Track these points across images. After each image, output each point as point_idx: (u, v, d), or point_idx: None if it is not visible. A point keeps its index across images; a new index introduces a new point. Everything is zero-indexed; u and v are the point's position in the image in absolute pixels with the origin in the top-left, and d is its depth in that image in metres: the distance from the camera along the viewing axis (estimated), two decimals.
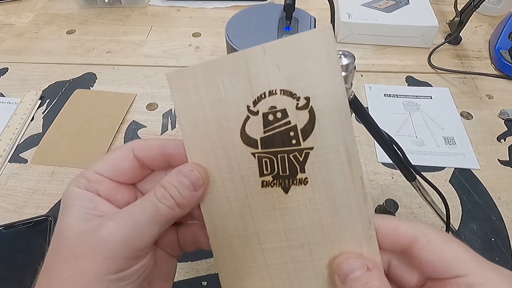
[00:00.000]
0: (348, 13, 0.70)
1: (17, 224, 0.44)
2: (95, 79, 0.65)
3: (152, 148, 0.23)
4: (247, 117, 0.21)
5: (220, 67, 0.21)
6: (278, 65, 0.20)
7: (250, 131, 0.21)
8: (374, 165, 0.52)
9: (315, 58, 0.20)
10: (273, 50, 0.20)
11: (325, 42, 0.20)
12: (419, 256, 0.20)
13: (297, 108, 0.21)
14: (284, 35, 0.43)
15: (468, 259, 0.19)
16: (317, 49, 0.20)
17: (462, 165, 0.52)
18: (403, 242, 0.21)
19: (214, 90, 0.21)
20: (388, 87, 0.63)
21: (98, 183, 0.23)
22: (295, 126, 0.21)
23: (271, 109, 0.21)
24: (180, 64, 0.68)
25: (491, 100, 0.61)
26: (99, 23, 0.78)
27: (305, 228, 0.22)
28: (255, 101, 0.21)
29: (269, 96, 0.21)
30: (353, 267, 0.20)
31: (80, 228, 0.21)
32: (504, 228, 0.45)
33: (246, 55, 0.20)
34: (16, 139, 0.55)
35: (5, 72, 0.67)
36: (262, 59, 0.20)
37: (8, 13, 0.81)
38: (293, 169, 0.21)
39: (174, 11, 0.81)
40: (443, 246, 0.20)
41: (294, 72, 0.20)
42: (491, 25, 0.76)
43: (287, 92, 0.20)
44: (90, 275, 0.20)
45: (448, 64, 0.67)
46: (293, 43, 0.20)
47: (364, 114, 0.35)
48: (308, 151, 0.21)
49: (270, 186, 0.22)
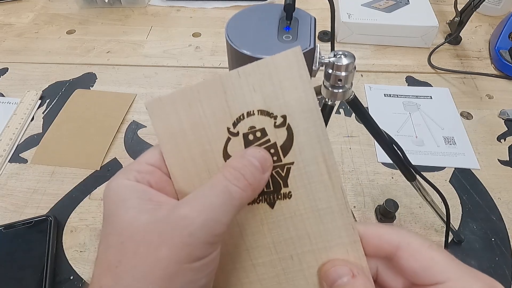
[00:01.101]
0: (348, 13, 0.70)
1: (17, 224, 0.44)
2: (95, 79, 0.65)
3: None
4: (228, 138, 0.22)
5: (198, 92, 0.22)
6: (253, 87, 0.21)
7: (232, 151, 0.22)
8: (374, 165, 0.52)
9: (288, 78, 0.21)
10: (247, 73, 0.21)
11: (296, 62, 0.21)
12: (402, 263, 0.21)
13: (275, 126, 0.21)
14: (284, 35, 0.43)
15: (449, 266, 0.20)
16: (289, 69, 0.21)
17: (462, 165, 0.52)
18: (387, 249, 0.21)
19: (194, 115, 0.22)
20: (388, 87, 0.63)
21: (149, 173, 0.22)
22: (274, 143, 0.22)
23: (251, 129, 0.22)
24: (180, 64, 0.68)
25: (491, 100, 0.61)
26: (99, 23, 0.78)
27: (293, 239, 0.23)
28: (234, 123, 0.22)
29: (247, 117, 0.21)
30: (340, 274, 0.21)
31: (147, 220, 0.19)
32: (504, 228, 0.45)
33: (222, 79, 0.21)
34: (16, 139, 0.55)
35: (5, 72, 0.67)
36: (238, 82, 0.21)
37: (8, 13, 0.81)
38: (277, 184, 0.22)
39: (174, 11, 0.81)
40: (424, 253, 0.20)
41: (269, 93, 0.21)
42: (491, 25, 0.76)
43: (264, 112, 0.21)
44: (171, 263, 0.18)
45: (448, 64, 0.67)
46: (266, 65, 0.21)
47: (364, 114, 0.35)
48: (289, 166, 0.22)
49: (256, 203, 0.22)
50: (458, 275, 0.19)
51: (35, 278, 0.40)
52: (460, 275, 0.19)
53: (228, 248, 0.23)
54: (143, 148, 0.54)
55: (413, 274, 0.20)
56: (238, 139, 0.22)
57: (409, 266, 0.20)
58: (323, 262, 0.22)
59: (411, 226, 0.46)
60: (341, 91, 0.32)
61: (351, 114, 0.59)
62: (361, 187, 0.49)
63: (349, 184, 0.50)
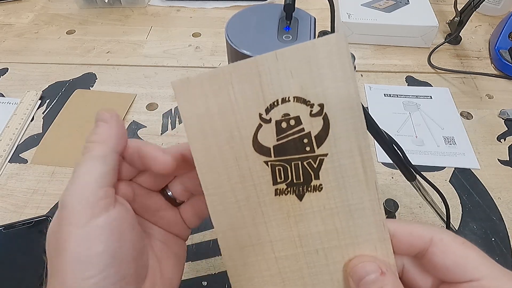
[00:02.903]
0: (348, 13, 0.70)
1: (17, 224, 0.44)
2: (95, 79, 0.65)
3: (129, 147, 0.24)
4: (259, 125, 0.21)
5: (230, 74, 0.20)
6: (291, 71, 0.20)
7: (262, 139, 0.21)
8: (374, 165, 0.52)
9: (329, 65, 0.20)
10: (286, 57, 0.20)
11: (338, 49, 0.20)
12: (434, 260, 0.20)
13: (311, 115, 0.20)
14: (284, 35, 0.43)
15: (483, 263, 0.20)
16: (331, 56, 0.20)
17: (462, 165, 0.52)
18: (419, 246, 0.21)
19: (224, 99, 0.20)
20: (388, 87, 0.63)
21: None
22: (309, 133, 0.21)
23: (284, 117, 0.21)
24: (180, 64, 0.68)
25: (491, 100, 0.61)
26: (99, 23, 0.78)
27: (320, 233, 0.22)
28: (267, 109, 0.20)
29: (282, 103, 0.20)
30: (368, 271, 0.20)
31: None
32: (504, 228, 0.45)
33: (258, 62, 0.20)
34: (16, 139, 0.55)
35: (5, 72, 0.67)
36: (275, 66, 0.20)
37: (8, 13, 0.81)
38: (308, 176, 0.21)
39: (174, 11, 0.81)
40: (458, 250, 0.20)
41: (307, 79, 0.20)
42: (491, 25, 0.76)
43: (300, 99, 0.20)
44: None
45: (448, 64, 0.67)
46: (306, 49, 0.20)
47: (364, 114, 0.35)
48: (323, 157, 0.21)
49: (284, 194, 0.22)
50: (493, 273, 0.19)
51: (35, 278, 0.40)
52: (495, 274, 0.19)
53: (251, 240, 0.22)
54: None
55: (446, 270, 0.20)
56: (270, 126, 0.21)
57: (442, 263, 0.20)
58: (350, 258, 0.22)
59: None
60: None
61: None
62: None
63: None
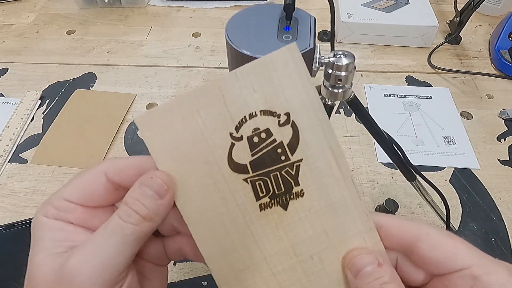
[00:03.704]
0: (348, 13, 0.70)
1: (17, 224, 0.44)
2: (95, 79, 0.65)
3: (127, 171, 0.22)
4: (232, 144, 0.21)
5: (194, 100, 0.20)
6: (253, 87, 0.20)
7: (237, 157, 0.21)
8: (374, 165, 0.52)
9: (287, 75, 0.20)
10: (245, 74, 0.20)
11: (293, 58, 0.20)
12: (424, 254, 0.21)
13: (280, 125, 0.21)
14: (284, 35, 0.43)
15: (471, 253, 0.20)
16: (287, 66, 0.20)
17: (462, 165, 0.52)
18: (407, 240, 0.21)
19: (192, 126, 0.20)
20: (388, 87, 0.63)
21: (68, 212, 0.21)
22: (281, 142, 0.21)
23: (255, 131, 0.21)
24: (180, 64, 0.68)
25: (491, 100, 0.61)
26: (99, 23, 0.78)
27: (311, 238, 0.22)
28: (237, 127, 0.21)
29: (250, 119, 0.21)
30: (365, 262, 0.21)
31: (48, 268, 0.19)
32: (504, 228, 0.45)
33: (219, 84, 0.20)
34: (16, 139, 0.55)
35: (5, 72, 0.67)
36: (237, 84, 0.20)
37: (8, 13, 0.81)
38: (288, 184, 0.22)
39: (174, 11, 0.81)
40: (445, 242, 0.20)
41: (270, 91, 0.20)
42: (491, 25, 0.76)
43: (267, 111, 0.21)
44: None
45: (448, 64, 0.67)
46: (264, 64, 0.20)
47: (364, 114, 0.35)
48: (298, 163, 0.21)
49: (268, 208, 0.22)
50: (482, 261, 0.20)
51: None
52: (484, 261, 0.20)
53: (245, 262, 0.22)
54: (143, 148, 0.54)
55: (436, 263, 0.20)
56: (242, 144, 0.21)
57: (431, 256, 0.20)
58: (343, 256, 0.22)
59: None
60: (341, 91, 0.32)
61: (351, 114, 0.59)
62: (361, 187, 0.49)
63: None
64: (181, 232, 0.23)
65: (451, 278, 0.20)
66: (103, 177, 0.22)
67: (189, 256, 0.24)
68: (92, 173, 0.22)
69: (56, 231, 0.20)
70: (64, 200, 0.21)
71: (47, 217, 0.21)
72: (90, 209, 0.22)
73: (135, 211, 0.20)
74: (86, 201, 0.21)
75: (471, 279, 0.19)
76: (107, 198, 0.22)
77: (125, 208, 0.20)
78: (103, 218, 0.21)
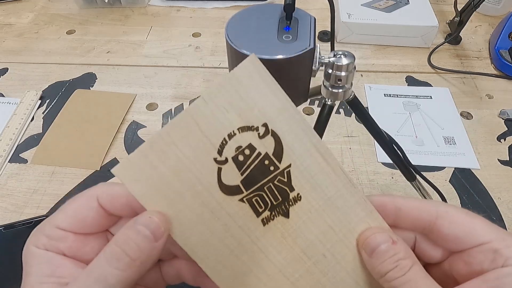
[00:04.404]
0: (348, 13, 0.70)
1: (17, 224, 0.44)
2: (95, 79, 0.65)
3: (118, 199, 0.21)
4: (219, 169, 0.21)
5: (169, 135, 0.20)
6: (225, 107, 0.20)
7: (227, 180, 0.21)
8: (374, 165, 0.52)
9: (254, 86, 0.20)
10: (213, 96, 0.20)
11: (255, 69, 0.20)
12: (443, 231, 0.21)
13: (260, 137, 0.21)
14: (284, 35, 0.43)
15: (490, 229, 0.20)
16: (251, 78, 0.20)
17: (462, 165, 0.52)
18: (426, 219, 0.21)
19: (173, 160, 0.20)
20: (388, 87, 0.63)
21: (60, 240, 0.20)
22: (266, 154, 0.21)
23: (238, 150, 0.21)
24: (180, 64, 0.68)
25: (491, 100, 0.61)
26: (99, 23, 0.78)
27: (318, 237, 0.22)
28: (219, 151, 0.20)
29: (229, 139, 0.20)
30: (379, 241, 0.21)
31: None
32: (504, 228, 0.45)
33: (190, 113, 0.20)
34: (16, 139, 0.55)
35: (5, 72, 0.67)
36: (207, 109, 0.20)
37: (8, 13, 0.81)
38: (283, 192, 0.22)
39: (174, 11, 0.81)
40: (465, 220, 0.21)
41: (242, 107, 0.20)
42: (491, 25, 0.76)
43: (244, 127, 0.21)
44: None
45: (448, 64, 0.67)
46: (229, 81, 0.20)
47: (364, 114, 0.35)
48: (288, 169, 0.21)
49: (271, 220, 0.22)
50: (500, 235, 0.20)
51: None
52: (502, 235, 0.20)
53: (262, 280, 0.22)
54: None
55: (456, 239, 0.21)
56: (229, 165, 0.21)
57: (451, 233, 0.21)
58: (354, 245, 0.22)
59: None
60: (341, 91, 0.32)
61: (351, 114, 0.59)
62: (361, 187, 0.49)
63: None
64: (178, 256, 0.23)
65: (471, 253, 0.20)
66: (95, 202, 0.21)
67: (188, 280, 0.23)
68: (84, 198, 0.21)
69: (44, 264, 0.20)
70: (57, 228, 0.20)
71: (37, 247, 0.20)
72: (82, 236, 0.21)
73: (125, 253, 0.19)
74: (78, 228, 0.21)
75: (492, 253, 0.19)
76: (100, 224, 0.21)
77: (114, 249, 0.19)
78: (95, 246, 0.21)
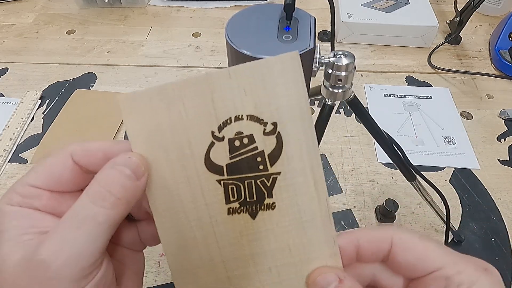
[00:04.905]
0: (348, 13, 0.70)
1: None
2: (95, 79, 0.65)
3: (93, 153, 0.21)
4: (212, 143, 0.20)
5: (180, 89, 0.20)
6: (245, 89, 0.19)
7: (215, 157, 0.20)
8: (374, 165, 0.52)
9: (282, 83, 0.20)
10: (239, 74, 0.19)
11: (292, 67, 0.19)
12: (398, 259, 0.21)
13: (264, 133, 0.20)
14: (284, 35, 0.43)
15: (442, 253, 0.20)
16: (284, 75, 0.19)
17: (462, 165, 0.52)
18: (383, 249, 0.21)
19: (174, 115, 0.20)
20: (388, 87, 0.63)
21: (35, 197, 0.20)
22: (262, 151, 0.20)
23: (238, 135, 0.20)
24: (180, 64, 0.68)
25: (491, 100, 0.61)
26: (99, 23, 0.78)
27: (273, 251, 0.22)
28: (220, 127, 0.20)
29: (235, 121, 0.20)
30: (328, 281, 0.21)
31: (17, 258, 0.18)
32: (504, 228, 0.45)
33: (210, 79, 0.19)
34: (16, 139, 0.55)
35: (5, 72, 0.67)
36: (228, 83, 0.19)
37: (8, 13, 0.81)
38: (261, 194, 0.21)
39: (174, 11, 0.81)
40: (417, 245, 0.20)
41: (261, 97, 0.20)
42: (491, 25, 0.76)
43: (254, 117, 0.20)
44: None
45: (448, 64, 0.67)
46: (260, 67, 0.19)
47: (364, 114, 0.35)
48: (276, 176, 0.21)
49: (237, 213, 0.21)
50: (453, 260, 0.20)
51: None
52: (455, 260, 0.20)
53: (203, 261, 0.22)
54: None
55: (410, 267, 0.20)
56: (222, 145, 0.20)
57: (405, 260, 0.20)
58: (302, 274, 0.22)
59: (411, 226, 0.46)
60: (341, 91, 0.32)
61: (351, 114, 0.59)
62: (361, 187, 0.49)
63: (349, 184, 0.50)
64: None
65: (425, 280, 0.20)
66: (70, 160, 0.21)
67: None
68: (58, 156, 0.21)
69: (21, 218, 0.19)
70: (29, 186, 0.20)
71: (11, 205, 0.20)
72: (57, 194, 0.21)
73: (110, 192, 0.19)
74: (53, 186, 0.20)
75: (443, 280, 0.19)
76: (75, 183, 0.21)
77: (98, 189, 0.19)
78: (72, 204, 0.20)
